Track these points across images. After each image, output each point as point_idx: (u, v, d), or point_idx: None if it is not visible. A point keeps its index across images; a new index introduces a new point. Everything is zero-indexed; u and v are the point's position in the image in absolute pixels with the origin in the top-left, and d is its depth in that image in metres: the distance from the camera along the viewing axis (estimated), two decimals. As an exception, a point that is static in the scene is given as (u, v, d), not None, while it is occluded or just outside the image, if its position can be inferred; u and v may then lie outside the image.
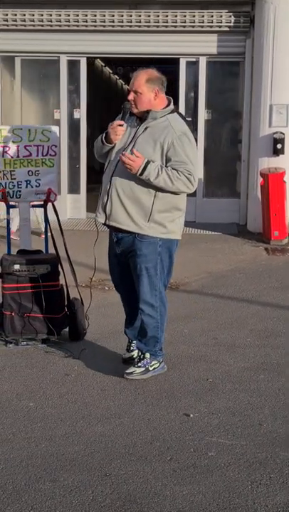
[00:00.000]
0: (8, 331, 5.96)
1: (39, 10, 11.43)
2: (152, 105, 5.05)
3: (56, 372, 5.45)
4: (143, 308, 5.22)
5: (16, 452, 4.20)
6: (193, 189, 5.04)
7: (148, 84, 5.03)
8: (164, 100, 5.12)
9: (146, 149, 4.97)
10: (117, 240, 5.20)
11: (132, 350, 5.52)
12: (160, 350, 5.37)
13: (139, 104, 5.05)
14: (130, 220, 5.06)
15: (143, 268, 5.13)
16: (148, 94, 5.03)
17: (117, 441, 4.34)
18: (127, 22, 11.36)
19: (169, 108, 5.10)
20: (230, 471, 4.00)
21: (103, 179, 5.18)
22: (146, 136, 5.02)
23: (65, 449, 4.24)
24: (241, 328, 6.58)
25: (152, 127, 5.03)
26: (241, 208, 11.90)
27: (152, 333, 5.26)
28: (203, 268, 8.98)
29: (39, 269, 5.96)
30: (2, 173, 6.29)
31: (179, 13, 11.27)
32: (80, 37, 11.61)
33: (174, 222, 5.16)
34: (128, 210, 5.05)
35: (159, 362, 5.36)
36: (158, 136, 4.98)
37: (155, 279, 5.17)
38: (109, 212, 5.10)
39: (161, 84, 5.08)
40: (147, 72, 5.07)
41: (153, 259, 5.13)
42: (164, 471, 3.99)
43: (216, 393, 5.08)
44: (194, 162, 5.04)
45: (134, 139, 5.04)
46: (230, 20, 11.31)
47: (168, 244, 5.18)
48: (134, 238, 5.11)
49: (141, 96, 5.03)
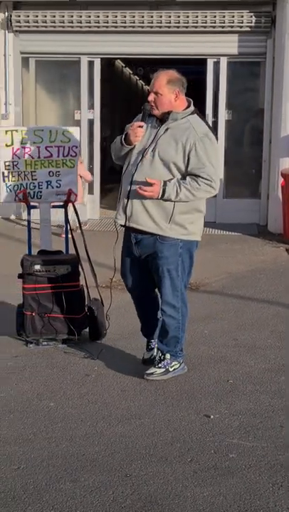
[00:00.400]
0: (28, 331, 5.98)
1: (60, 11, 11.46)
2: (173, 106, 5.04)
3: (76, 372, 5.46)
4: (165, 310, 5.22)
5: (36, 452, 4.21)
6: (215, 192, 5.04)
7: (169, 86, 5.01)
8: (184, 101, 5.11)
9: (168, 150, 4.97)
10: (136, 242, 5.19)
11: (151, 348, 5.52)
12: (180, 350, 5.37)
13: (159, 105, 5.04)
14: (151, 221, 5.06)
15: (165, 270, 5.13)
16: (169, 95, 5.01)
17: (138, 442, 4.34)
18: (147, 23, 11.36)
19: (189, 109, 5.10)
20: (251, 473, 3.98)
21: (122, 181, 5.18)
22: (167, 137, 5.01)
23: (86, 450, 4.24)
24: (262, 329, 6.56)
25: (173, 128, 5.02)
26: (262, 209, 11.86)
27: (173, 333, 5.25)
28: (224, 269, 8.95)
29: (59, 270, 5.97)
30: (23, 173, 6.32)
31: (199, 13, 11.25)
32: (100, 38, 11.62)
33: (195, 224, 5.16)
34: (149, 211, 5.05)
35: (180, 363, 5.35)
36: (179, 137, 4.97)
37: (177, 280, 5.17)
38: (129, 213, 5.09)
39: (182, 85, 5.07)
40: (168, 74, 5.06)
41: (174, 261, 5.13)
42: (185, 473, 3.98)
43: (236, 394, 5.07)
44: (216, 163, 5.03)
45: (155, 140, 5.03)
46: (251, 20, 11.27)
47: (188, 245, 5.17)
48: (156, 240, 5.10)
49: (161, 97, 5.02)
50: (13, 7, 11.68)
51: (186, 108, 5.10)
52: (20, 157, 6.31)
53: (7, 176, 6.32)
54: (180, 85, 5.06)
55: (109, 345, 6.01)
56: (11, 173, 6.32)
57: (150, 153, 4.99)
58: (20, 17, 11.54)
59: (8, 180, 6.33)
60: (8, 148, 6.30)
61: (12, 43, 11.78)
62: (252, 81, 12.08)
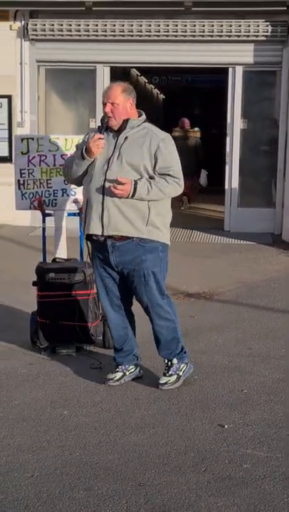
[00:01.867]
0: (42, 338, 5.98)
1: (76, 20, 11.50)
2: (129, 114, 5.15)
3: (90, 380, 5.45)
4: (158, 312, 5.23)
5: (50, 460, 4.21)
6: (181, 190, 5.17)
7: (124, 95, 5.14)
8: (136, 112, 5.24)
9: (134, 155, 5.05)
10: (113, 250, 5.14)
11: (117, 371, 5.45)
12: (184, 352, 5.37)
13: (116, 114, 5.11)
14: (130, 225, 5.07)
15: (150, 273, 5.15)
16: (124, 103, 5.13)
17: (151, 451, 4.33)
18: (163, 32, 11.38)
19: (143, 117, 5.23)
20: (266, 483, 3.96)
21: (89, 193, 5.16)
22: (128, 144, 5.08)
23: (99, 458, 4.23)
24: (276, 339, 6.53)
25: (131, 136, 5.11)
26: (276, 218, 11.83)
27: (172, 335, 5.28)
28: (238, 278, 8.93)
29: (74, 278, 5.98)
30: (38, 181, 6.34)
31: (215, 22, 11.26)
32: (116, 47, 11.65)
33: (166, 227, 5.24)
34: (126, 215, 5.05)
35: (186, 363, 5.37)
36: (142, 142, 5.08)
37: (161, 283, 5.22)
38: (107, 222, 5.07)
39: (134, 96, 5.22)
40: (120, 84, 5.21)
41: (158, 264, 5.18)
42: (199, 482, 3.96)
43: (250, 404, 5.04)
44: (179, 162, 5.16)
45: (117, 149, 5.09)
46: (267, 29, 11.27)
47: (165, 248, 5.25)
48: (137, 245, 5.11)
49: (118, 106, 5.11)
50: (30, 16, 11.74)
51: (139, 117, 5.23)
52: (36, 165, 6.34)
53: (22, 183, 6.35)
54: (133, 95, 5.20)
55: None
56: (27, 180, 6.35)
57: (116, 162, 5.05)
58: (37, 25, 11.59)
59: (23, 187, 6.36)
60: (24, 156, 6.33)
61: (28, 52, 11.83)
62: (267, 90, 12.07)
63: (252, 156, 12.19)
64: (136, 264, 5.14)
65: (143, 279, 5.17)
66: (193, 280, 8.58)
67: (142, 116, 5.24)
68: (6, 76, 11.84)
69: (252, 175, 12.10)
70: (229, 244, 11.08)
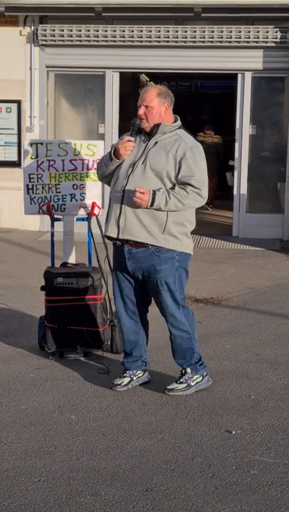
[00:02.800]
0: (50, 343, 5.98)
1: (86, 25, 11.53)
2: (163, 119, 5.09)
3: (97, 385, 5.45)
4: (172, 323, 5.22)
5: (57, 465, 4.20)
6: (204, 201, 5.08)
7: (159, 98, 5.08)
8: (172, 116, 5.19)
9: (159, 161, 5.01)
10: (130, 256, 5.14)
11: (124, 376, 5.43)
12: (201, 363, 5.34)
13: (150, 118, 5.07)
14: (146, 232, 5.04)
15: (164, 283, 5.11)
16: (159, 108, 5.08)
17: (159, 457, 4.32)
18: (172, 37, 11.40)
19: (177, 123, 5.17)
20: (273, 489, 3.95)
21: (111, 194, 5.20)
22: (157, 149, 5.05)
23: (106, 463, 4.23)
24: (284, 345, 6.52)
25: (162, 141, 5.07)
26: (285, 224, 11.82)
27: (187, 345, 5.25)
28: (246, 283, 8.92)
29: (82, 282, 5.98)
30: (47, 186, 6.36)
31: (224, 28, 11.27)
32: (125, 52, 11.68)
33: (187, 236, 5.19)
34: (143, 221, 5.03)
35: (202, 376, 5.33)
36: (170, 149, 5.03)
37: (176, 293, 5.16)
38: (123, 225, 5.07)
39: (171, 99, 5.15)
40: (157, 87, 5.16)
41: (172, 274, 5.12)
42: (206, 488, 3.95)
43: (258, 410, 5.03)
44: (204, 174, 5.07)
45: (145, 153, 5.07)
46: (276, 35, 11.28)
47: (183, 258, 5.18)
48: (152, 253, 5.08)
49: (152, 110, 5.07)
50: (40, 21, 11.79)
51: (173, 122, 5.17)
52: (45, 170, 6.35)
53: (31, 188, 6.37)
54: (169, 99, 5.14)
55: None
56: (35, 185, 6.36)
57: (141, 166, 5.03)
58: (47, 31, 11.63)
59: (32, 192, 6.37)
60: (33, 161, 6.35)
61: (38, 57, 11.87)
62: (276, 96, 12.08)
63: (260, 162, 12.19)
64: (150, 273, 5.13)
65: (156, 289, 5.16)
66: (202, 286, 8.57)
67: (176, 122, 5.16)
68: (16, 81, 11.90)
69: (260, 180, 12.10)
70: (237, 249, 11.07)
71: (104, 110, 12.06)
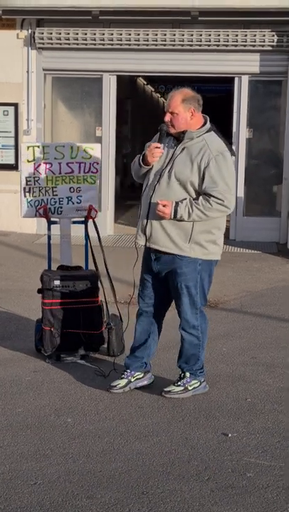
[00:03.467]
0: (47, 346, 5.98)
1: (83, 29, 11.55)
2: (189, 125, 5.05)
3: (94, 388, 5.45)
4: (185, 327, 5.23)
5: (53, 468, 4.21)
6: (229, 211, 5.03)
7: (184, 104, 5.04)
8: (201, 119, 5.13)
9: (184, 171, 4.99)
10: (155, 258, 5.19)
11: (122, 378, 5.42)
12: (201, 369, 5.35)
13: (176, 124, 5.06)
14: (171, 242, 5.06)
15: (184, 287, 5.13)
16: (184, 114, 5.04)
17: (155, 460, 4.32)
18: (169, 41, 11.41)
19: (205, 128, 5.10)
20: (269, 492, 3.95)
21: (142, 201, 5.21)
22: (183, 157, 5.03)
23: (103, 466, 4.23)
24: (281, 348, 6.53)
25: (189, 147, 5.04)
26: (282, 227, 11.84)
27: (193, 351, 5.25)
28: (243, 287, 8.93)
29: (79, 285, 5.99)
30: (44, 189, 6.36)
31: (221, 32, 11.29)
32: (123, 55, 11.70)
33: (215, 243, 5.16)
34: (168, 232, 5.05)
35: (200, 381, 5.34)
36: (195, 157, 4.99)
37: (196, 297, 5.16)
38: (149, 234, 5.11)
39: (197, 102, 5.09)
40: (182, 92, 5.09)
41: (193, 278, 5.12)
42: (202, 491, 3.96)
43: (254, 413, 5.04)
44: (230, 182, 5.00)
45: (172, 160, 5.05)
46: (273, 39, 11.30)
47: (208, 264, 5.17)
48: (175, 257, 5.10)
49: (177, 116, 5.04)
50: (37, 24, 11.80)
51: (202, 126, 5.11)
52: (42, 173, 6.35)
53: (28, 191, 6.36)
54: (195, 103, 5.08)
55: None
56: (32, 188, 6.36)
57: (167, 174, 5.02)
58: (44, 34, 11.64)
59: (29, 195, 6.37)
60: (30, 164, 6.34)
61: (35, 60, 11.88)
62: (273, 99, 12.10)
63: (257, 165, 12.20)
64: (172, 275, 5.15)
65: (177, 291, 5.17)
66: (198, 289, 8.56)
67: (205, 126, 5.10)
68: (13, 84, 11.91)
69: (257, 184, 12.12)
70: (234, 253, 11.08)
71: (102, 113, 12.07)
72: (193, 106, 5.05)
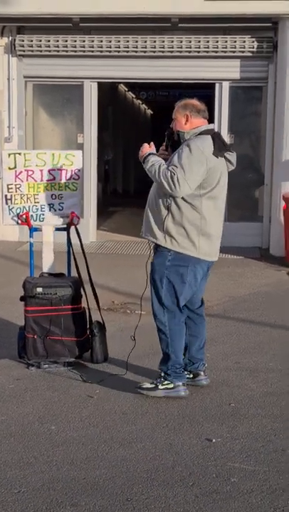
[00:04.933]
0: (30, 353, 5.97)
1: (63, 36, 11.56)
2: (183, 128, 5.34)
3: (78, 395, 5.44)
4: (154, 318, 5.41)
5: (37, 476, 4.19)
6: (174, 191, 5.13)
7: (180, 110, 5.39)
8: (197, 124, 5.33)
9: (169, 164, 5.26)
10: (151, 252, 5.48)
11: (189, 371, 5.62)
12: (174, 371, 5.36)
13: (174, 128, 5.40)
14: (151, 230, 5.31)
15: (152, 279, 5.33)
16: (180, 119, 5.36)
17: (139, 466, 4.32)
18: (150, 48, 11.44)
19: (196, 130, 5.30)
20: (253, 497, 3.96)
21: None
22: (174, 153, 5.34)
23: (87, 473, 4.22)
24: (264, 353, 6.55)
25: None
26: (264, 232, 11.88)
27: (164, 347, 5.38)
28: (226, 292, 8.95)
29: (61, 292, 5.98)
30: (26, 196, 6.35)
31: (202, 38, 11.34)
32: (103, 62, 11.71)
33: (187, 238, 5.25)
34: (150, 220, 5.32)
35: (173, 384, 5.36)
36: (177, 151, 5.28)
37: (161, 293, 5.29)
38: (143, 224, 5.42)
39: (192, 109, 5.34)
40: (182, 101, 5.46)
41: (160, 272, 5.28)
42: (186, 497, 3.96)
43: (238, 418, 5.05)
44: (186, 168, 5.12)
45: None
46: (253, 45, 11.36)
47: (179, 261, 5.25)
48: (155, 246, 5.36)
49: (175, 121, 5.39)
50: (17, 31, 11.79)
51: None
52: (23, 180, 6.34)
53: (10, 198, 6.35)
54: (190, 109, 5.35)
55: (111, 368, 5.99)
56: (14, 195, 6.35)
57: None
58: (24, 41, 11.64)
59: (11, 202, 6.36)
60: (11, 171, 6.34)
61: (16, 67, 11.87)
62: (254, 105, 12.15)
63: (239, 171, 12.19)
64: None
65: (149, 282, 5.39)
66: (181, 294, 8.56)
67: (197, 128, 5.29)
68: (-6, 91, 11.88)
69: (239, 189, 12.14)
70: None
71: (83, 120, 12.07)
72: (188, 112, 5.34)
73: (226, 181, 5.44)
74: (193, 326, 5.61)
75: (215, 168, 5.24)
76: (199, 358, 5.63)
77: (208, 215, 5.27)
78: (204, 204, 5.24)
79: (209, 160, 5.17)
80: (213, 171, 5.22)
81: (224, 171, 5.39)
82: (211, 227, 5.31)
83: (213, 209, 5.30)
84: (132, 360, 6.14)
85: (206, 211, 5.26)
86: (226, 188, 5.48)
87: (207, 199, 5.26)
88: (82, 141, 12.06)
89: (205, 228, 5.28)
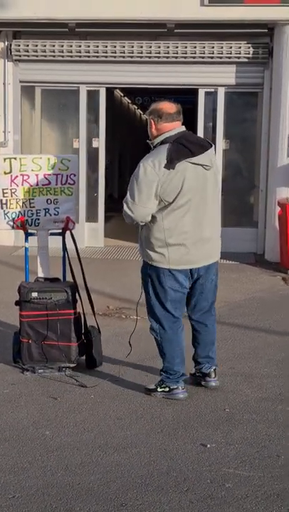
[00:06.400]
0: (25, 358, 5.96)
1: (59, 41, 11.56)
2: (152, 135, 5.34)
3: (72, 400, 5.44)
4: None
5: (31, 481, 4.18)
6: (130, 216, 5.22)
7: (148, 115, 5.37)
8: (162, 130, 5.27)
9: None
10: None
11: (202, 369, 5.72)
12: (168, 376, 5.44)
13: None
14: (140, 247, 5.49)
15: (141, 286, 5.48)
16: (150, 124, 5.33)
17: (134, 471, 4.31)
18: (146, 53, 11.45)
19: (156, 140, 5.29)
20: (248, 503, 3.95)
21: None
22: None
23: (81, 479, 4.22)
24: (259, 358, 6.55)
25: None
26: (259, 238, 11.89)
27: (158, 348, 5.53)
28: (220, 297, 8.85)
29: (56, 297, 5.97)
30: (21, 201, 6.35)
31: (197, 44, 11.35)
32: (99, 68, 11.72)
33: (155, 251, 5.31)
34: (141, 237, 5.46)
35: (169, 387, 5.43)
36: None
37: (147, 297, 5.43)
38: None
39: (157, 114, 5.27)
40: (152, 105, 5.38)
41: (145, 280, 5.45)
42: (181, 502, 3.95)
43: (233, 423, 5.05)
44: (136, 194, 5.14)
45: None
46: (248, 51, 11.37)
47: (155, 270, 5.36)
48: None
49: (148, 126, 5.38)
50: (13, 36, 11.79)
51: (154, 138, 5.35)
52: (19, 185, 6.34)
53: (5, 203, 6.35)
54: (154, 115, 5.29)
55: (106, 373, 5.99)
56: (9, 200, 6.34)
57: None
58: (20, 46, 11.64)
59: (6, 207, 6.36)
60: (7, 176, 6.33)
61: (12, 72, 11.87)
62: (249, 111, 12.17)
63: (234, 176, 12.26)
64: None
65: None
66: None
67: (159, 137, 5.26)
68: (-11, 96, 11.87)
69: (234, 195, 12.16)
70: (212, 263, 11.08)
71: (79, 125, 12.08)
72: (153, 117, 5.29)
73: (195, 185, 5.20)
74: (197, 333, 5.67)
75: (171, 179, 5.13)
76: (205, 360, 5.67)
77: (174, 225, 5.21)
78: (168, 216, 5.19)
79: (162, 174, 5.11)
80: (169, 183, 5.13)
81: (191, 176, 5.18)
82: (180, 236, 5.24)
83: (180, 218, 5.20)
84: (127, 365, 6.14)
85: (171, 222, 5.20)
86: (200, 191, 5.24)
87: (171, 211, 5.19)
88: (78, 146, 12.06)
89: (170, 239, 5.24)
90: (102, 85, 12.07)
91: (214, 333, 5.73)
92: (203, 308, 5.59)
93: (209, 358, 5.67)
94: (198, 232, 5.30)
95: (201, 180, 5.26)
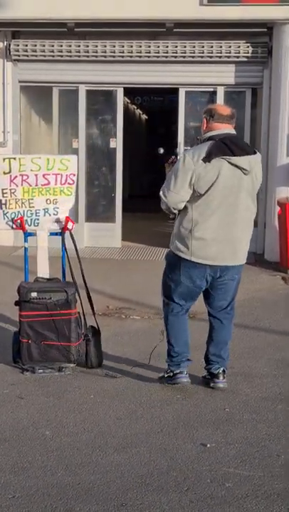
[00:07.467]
0: (25, 358, 5.96)
1: (58, 41, 11.55)
2: (202, 132, 5.58)
3: (72, 400, 5.44)
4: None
5: (31, 481, 4.18)
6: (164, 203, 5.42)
7: (203, 114, 5.59)
8: (211, 128, 5.48)
9: None
10: None
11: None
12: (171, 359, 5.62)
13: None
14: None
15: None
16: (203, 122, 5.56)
17: (134, 471, 4.31)
18: (145, 53, 11.45)
19: (204, 136, 5.49)
20: (248, 502, 3.95)
21: None
22: None
23: (81, 479, 4.22)
24: (258, 358, 6.54)
25: None
26: (258, 237, 11.87)
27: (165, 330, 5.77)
28: (221, 297, 8.91)
29: (56, 297, 5.97)
30: (21, 201, 6.34)
31: (196, 43, 11.35)
32: (98, 67, 11.71)
33: (183, 241, 5.42)
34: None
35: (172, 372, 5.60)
36: None
37: (163, 278, 5.65)
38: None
39: (209, 114, 5.50)
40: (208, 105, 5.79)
41: (166, 265, 5.66)
42: (181, 502, 3.95)
43: (233, 423, 5.04)
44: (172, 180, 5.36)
45: None
46: (247, 50, 11.37)
47: (174, 258, 5.53)
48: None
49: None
50: (12, 36, 11.78)
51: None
52: (18, 185, 6.34)
53: (4, 203, 6.35)
54: (207, 114, 5.53)
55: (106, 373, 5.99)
56: (9, 200, 6.34)
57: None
58: (19, 46, 11.63)
59: (5, 207, 6.36)
60: (6, 176, 6.33)
61: (11, 72, 11.85)
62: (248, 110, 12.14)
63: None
64: None
65: None
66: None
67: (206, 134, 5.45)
68: (-12, 96, 11.86)
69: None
70: (212, 263, 11.07)
71: (78, 125, 12.07)
72: (205, 116, 5.53)
73: (229, 184, 5.32)
74: (212, 329, 5.82)
75: (207, 172, 5.27)
76: (214, 361, 5.70)
77: (203, 219, 5.32)
78: (197, 208, 5.33)
79: (198, 166, 5.26)
80: (204, 176, 5.27)
81: (226, 174, 5.30)
82: (205, 232, 5.34)
83: (209, 215, 5.33)
84: (127, 364, 6.14)
85: (199, 215, 5.33)
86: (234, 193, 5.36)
87: (202, 203, 5.32)
88: (77, 146, 12.05)
89: (196, 232, 5.34)
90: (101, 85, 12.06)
91: (229, 333, 5.79)
92: (221, 306, 5.74)
93: (220, 357, 5.70)
94: (224, 233, 5.41)
95: (237, 183, 5.36)
